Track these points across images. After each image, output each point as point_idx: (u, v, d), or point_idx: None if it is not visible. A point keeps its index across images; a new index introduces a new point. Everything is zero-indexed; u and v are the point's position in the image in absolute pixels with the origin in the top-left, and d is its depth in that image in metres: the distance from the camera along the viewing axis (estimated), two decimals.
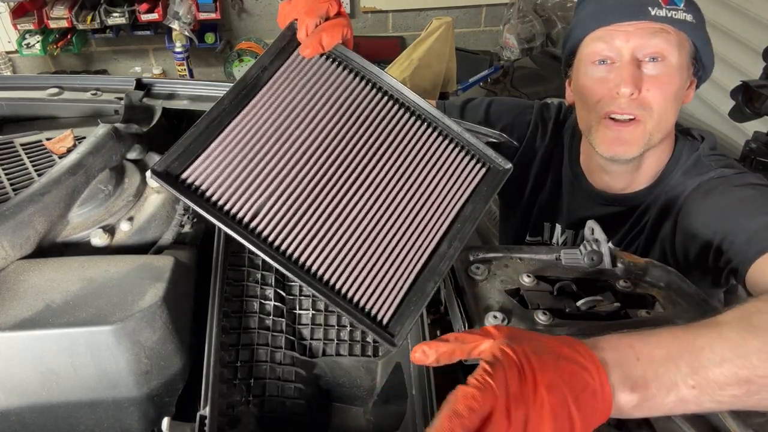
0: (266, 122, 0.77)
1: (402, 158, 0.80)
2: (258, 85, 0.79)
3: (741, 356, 0.59)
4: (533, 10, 3.36)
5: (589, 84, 1.13)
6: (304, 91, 0.81)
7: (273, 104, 0.79)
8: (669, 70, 1.06)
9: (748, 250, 0.92)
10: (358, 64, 0.85)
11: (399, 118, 0.83)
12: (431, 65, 2.67)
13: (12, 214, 0.78)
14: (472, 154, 0.84)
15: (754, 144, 1.96)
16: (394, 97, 0.84)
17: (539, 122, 1.34)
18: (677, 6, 1.06)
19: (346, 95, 0.82)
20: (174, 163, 0.71)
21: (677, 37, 1.06)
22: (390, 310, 0.72)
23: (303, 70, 0.82)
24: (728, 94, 1.82)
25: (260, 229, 0.71)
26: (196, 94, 1.21)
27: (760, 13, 2.38)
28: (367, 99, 0.83)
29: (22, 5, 3.17)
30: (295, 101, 0.80)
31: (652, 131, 1.09)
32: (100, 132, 0.94)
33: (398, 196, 0.78)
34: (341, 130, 0.79)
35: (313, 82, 0.82)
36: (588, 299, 0.77)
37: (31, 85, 1.21)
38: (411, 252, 0.76)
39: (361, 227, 0.75)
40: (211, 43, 3.55)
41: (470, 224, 0.78)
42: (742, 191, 1.03)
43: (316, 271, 0.71)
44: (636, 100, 1.07)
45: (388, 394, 0.84)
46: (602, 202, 1.24)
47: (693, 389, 0.59)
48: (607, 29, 1.09)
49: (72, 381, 0.71)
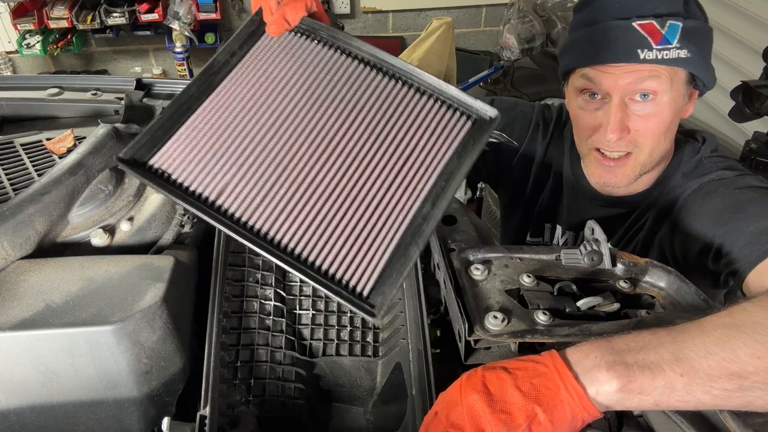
0: (234, 102, 0.75)
1: (376, 119, 0.76)
2: (226, 68, 0.78)
3: (727, 350, 0.60)
4: (533, 10, 3.36)
5: (580, 116, 1.12)
6: (273, 68, 0.79)
7: (241, 85, 0.77)
8: (660, 107, 1.04)
9: (749, 254, 0.92)
10: (326, 33, 0.82)
11: (371, 80, 0.80)
12: (431, 65, 2.67)
13: (12, 214, 0.78)
14: (455, 108, 0.78)
15: (754, 144, 1.96)
16: (365, 60, 0.81)
17: (540, 122, 1.34)
18: (669, 45, 1.00)
19: (314, 65, 0.79)
20: (141, 150, 0.70)
21: (669, 75, 1.03)
22: (371, 281, 0.67)
23: (272, 49, 0.80)
24: (728, 94, 1.82)
25: (227, 206, 0.69)
26: None
27: (760, 13, 2.37)
28: (336, 66, 0.80)
29: (22, 5, 3.17)
30: (263, 78, 0.78)
31: (644, 163, 1.10)
32: (100, 132, 0.94)
33: (374, 160, 0.74)
34: (310, 100, 0.77)
35: (281, 57, 0.80)
36: (588, 299, 0.77)
37: (31, 85, 1.21)
38: (391, 217, 0.71)
39: (334, 195, 0.71)
40: (211, 43, 3.55)
41: (455, 181, 0.73)
42: (742, 194, 1.03)
43: (287, 244, 0.68)
44: (624, 140, 1.06)
45: (388, 394, 0.84)
46: (603, 203, 1.24)
47: (682, 377, 0.59)
48: (595, 69, 1.05)
49: (72, 381, 0.71)
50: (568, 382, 0.60)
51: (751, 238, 0.93)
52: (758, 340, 0.60)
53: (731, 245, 0.96)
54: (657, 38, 1.00)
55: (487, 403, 0.60)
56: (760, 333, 0.61)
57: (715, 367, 0.59)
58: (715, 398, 0.60)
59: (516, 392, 0.60)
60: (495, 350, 0.77)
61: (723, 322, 0.63)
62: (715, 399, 0.60)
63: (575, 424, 0.60)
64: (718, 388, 0.59)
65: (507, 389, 0.61)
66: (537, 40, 3.32)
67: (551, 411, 0.59)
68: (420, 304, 0.82)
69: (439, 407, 0.65)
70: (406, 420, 0.78)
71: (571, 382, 0.60)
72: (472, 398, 0.61)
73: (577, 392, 0.60)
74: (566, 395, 0.60)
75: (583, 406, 0.60)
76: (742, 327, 0.62)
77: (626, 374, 0.60)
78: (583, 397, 0.60)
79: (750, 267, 0.91)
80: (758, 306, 0.65)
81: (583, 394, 0.60)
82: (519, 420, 0.59)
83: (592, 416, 0.60)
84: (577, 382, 0.60)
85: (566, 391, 0.60)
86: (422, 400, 0.73)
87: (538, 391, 0.60)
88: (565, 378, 0.60)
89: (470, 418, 0.60)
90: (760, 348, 0.59)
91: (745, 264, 0.92)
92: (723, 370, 0.59)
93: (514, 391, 0.60)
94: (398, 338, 0.84)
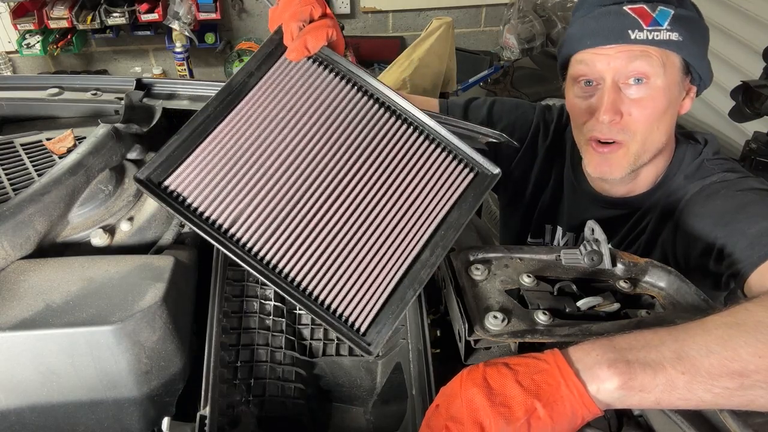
0: (250, 128, 0.77)
1: (386, 162, 0.79)
2: (244, 90, 0.79)
3: (729, 349, 0.60)
4: (533, 10, 3.36)
5: (576, 104, 1.14)
6: (289, 96, 0.80)
7: (258, 110, 0.78)
8: (653, 92, 1.05)
9: (751, 256, 0.92)
10: (344, 67, 0.84)
11: (384, 121, 0.82)
12: (431, 65, 2.67)
13: (12, 214, 0.78)
14: (460, 158, 0.82)
15: (754, 144, 1.96)
16: (380, 100, 0.84)
17: (541, 124, 1.34)
18: (660, 26, 1.02)
19: (331, 99, 0.81)
20: (157, 171, 0.72)
21: (661, 58, 1.04)
22: (368, 318, 0.71)
23: (289, 74, 0.82)
24: (728, 94, 1.82)
25: (239, 235, 0.72)
26: (196, 94, 1.20)
27: (760, 13, 2.38)
28: (352, 102, 0.82)
29: (22, 5, 3.17)
30: (280, 106, 0.79)
31: (637, 153, 1.10)
32: (100, 132, 0.94)
33: (381, 202, 0.77)
34: (324, 135, 0.79)
35: (299, 86, 0.81)
36: (588, 299, 0.77)
37: (31, 85, 1.21)
38: (392, 259, 0.75)
39: (341, 234, 0.74)
40: (211, 43, 3.55)
41: (454, 231, 0.77)
42: (744, 195, 1.03)
43: (294, 277, 0.71)
44: (618, 125, 1.07)
45: (388, 394, 0.84)
46: (604, 205, 1.24)
47: (683, 375, 0.59)
48: (590, 52, 1.08)
49: (72, 381, 0.71)
50: (569, 378, 0.60)
51: (753, 240, 0.93)
52: (760, 339, 0.60)
53: (733, 246, 0.96)
54: (647, 20, 1.03)
55: (486, 396, 0.60)
56: (761, 332, 0.61)
57: (717, 366, 0.59)
58: (717, 397, 0.60)
59: (516, 387, 0.60)
60: (495, 350, 0.77)
61: (725, 321, 0.64)
62: (717, 397, 0.60)
63: (575, 420, 0.60)
64: (719, 387, 0.59)
65: (507, 383, 0.61)
66: (537, 40, 3.32)
67: (551, 406, 0.59)
68: (420, 304, 0.82)
69: (440, 400, 0.65)
70: (406, 420, 0.78)
71: (572, 378, 0.60)
72: (472, 392, 0.61)
73: (577, 389, 0.60)
74: (567, 391, 0.60)
75: (583, 403, 0.60)
76: (744, 326, 0.62)
77: (627, 371, 0.60)
78: (583, 393, 0.60)
79: (752, 268, 0.91)
80: (760, 306, 0.65)
81: (584, 391, 0.60)
82: (518, 414, 0.59)
83: (592, 413, 0.60)
84: (578, 379, 0.60)
85: (567, 387, 0.60)
86: (422, 400, 0.73)
87: (539, 387, 0.60)
88: (566, 374, 0.61)
89: (469, 411, 0.60)
90: (762, 347, 0.60)
91: (746, 265, 0.92)
92: (724, 368, 0.59)
93: (514, 385, 0.61)
94: (398, 338, 0.84)
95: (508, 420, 0.59)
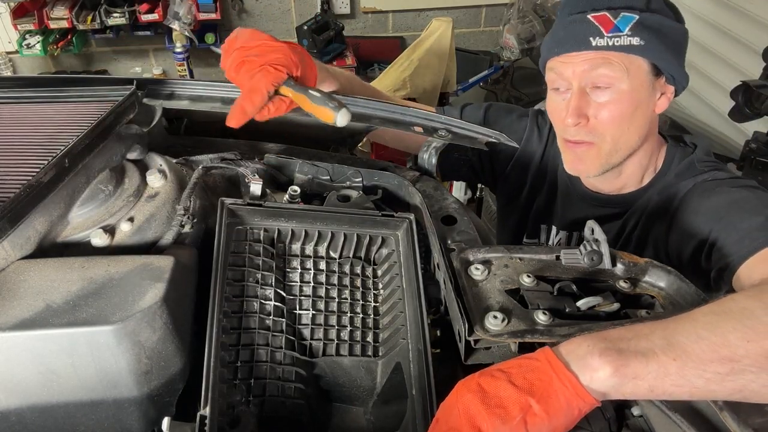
0: None
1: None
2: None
3: (717, 335, 0.61)
4: (533, 10, 3.36)
5: (552, 108, 1.18)
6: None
7: None
8: (618, 95, 1.08)
9: (740, 249, 0.94)
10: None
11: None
12: (431, 65, 2.67)
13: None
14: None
15: (754, 144, 1.96)
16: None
17: (535, 127, 1.39)
18: (620, 32, 1.05)
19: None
20: None
21: (624, 63, 1.06)
22: None
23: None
24: (728, 94, 1.82)
25: None
26: (196, 94, 1.20)
27: (760, 13, 2.38)
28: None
29: (22, 5, 3.17)
30: None
31: (609, 152, 1.13)
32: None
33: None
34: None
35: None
36: (588, 299, 0.77)
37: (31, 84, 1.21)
38: None
39: None
40: (211, 43, 3.55)
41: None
42: (738, 192, 1.05)
43: None
44: (585, 127, 1.11)
45: (388, 394, 0.84)
46: (596, 203, 1.27)
47: (674, 361, 0.60)
48: (557, 60, 1.12)
49: (72, 381, 0.71)
50: (560, 371, 0.61)
51: (743, 234, 0.95)
52: (747, 325, 0.61)
53: (724, 240, 0.98)
54: (608, 27, 1.06)
55: (481, 401, 0.61)
56: (748, 318, 0.62)
57: (707, 351, 0.60)
58: (709, 382, 0.60)
59: (510, 387, 0.61)
60: (495, 350, 0.77)
61: (711, 309, 0.65)
62: (709, 383, 0.60)
63: (571, 412, 0.60)
64: (710, 372, 0.60)
65: (501, 385, 0.62)
66: (537, 40, 3.32)
67: (545, 401, 0.60)
68: (420, 304, 0.82)
69: (439, 414, 0.66)
70: (406, 420, 0.78)
71: (563, 371, 0.61)
72: (467, 399, 0.62)
73: (570, 381, 0.60)
74: (560, 384, 0.60)
75: (577, 394, 0.60)
76: (730, 313, 0.64)
77: (619, 359, 0.60)
78: (576, 384, 0.60)
79: (740, 261, 0.93)
80: (745, 295, 0.67)
81: (576, 382, 0.60)
82: (513, 413, 0.59)
83: (588, 404, 0.61)
84: (569, 371, 0.61)
85: (559, 380, 0.60)
86: (422, 400, 0.73)
87: (532, 384, 0.61)
88: (557, 368, 0.61)
89: (467, 418, 0.61)
90: (750, 332, 0.61)
91: (736, 258, 0.94)
92: (714, 353, 0.60)
93: (507, 386, 0.61)
94: (398, 338, 0.84)
95: (504, 420, 0.59)
